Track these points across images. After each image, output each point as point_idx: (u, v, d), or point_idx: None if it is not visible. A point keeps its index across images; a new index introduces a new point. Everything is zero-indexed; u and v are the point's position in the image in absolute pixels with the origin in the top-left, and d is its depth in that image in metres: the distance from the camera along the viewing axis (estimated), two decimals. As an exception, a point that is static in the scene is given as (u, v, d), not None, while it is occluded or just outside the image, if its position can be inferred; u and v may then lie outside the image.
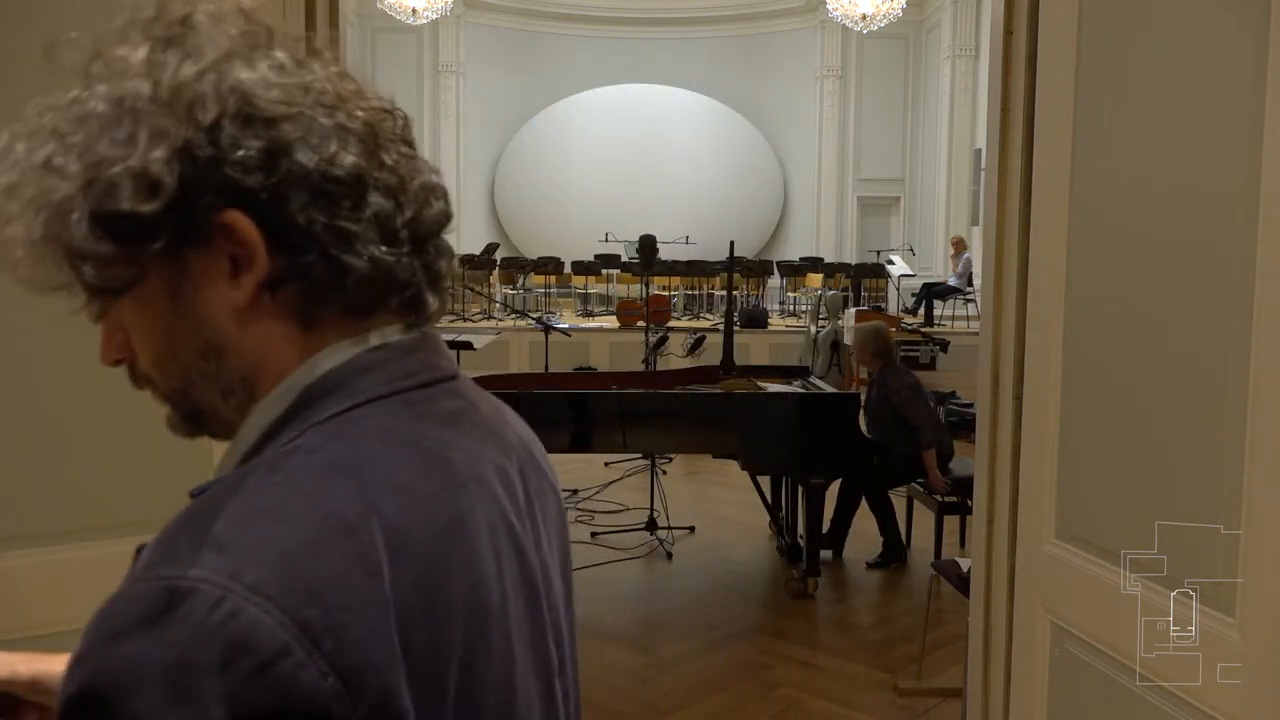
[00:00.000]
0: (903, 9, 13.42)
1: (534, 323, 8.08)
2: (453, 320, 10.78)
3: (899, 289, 13.23)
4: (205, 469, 1.72)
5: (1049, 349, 1.96)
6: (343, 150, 0.63)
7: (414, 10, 13.95)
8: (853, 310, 10.97)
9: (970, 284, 11.89)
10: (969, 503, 3.50)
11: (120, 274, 0.63)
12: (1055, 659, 1.96)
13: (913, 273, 13.46)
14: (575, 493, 6.30)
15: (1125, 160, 1.75)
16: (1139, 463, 1.70)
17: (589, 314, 13.23)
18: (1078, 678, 1.89)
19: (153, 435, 1.78)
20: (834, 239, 16.56)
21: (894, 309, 13.06)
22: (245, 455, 0.65)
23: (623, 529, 5.57)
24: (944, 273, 14.13)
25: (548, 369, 7.30)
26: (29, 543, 1.75)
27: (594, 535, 5.50)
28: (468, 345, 6.30)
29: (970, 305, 11.88)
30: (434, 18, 14.51)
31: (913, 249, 14.84)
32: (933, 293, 12.58)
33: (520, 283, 13.16)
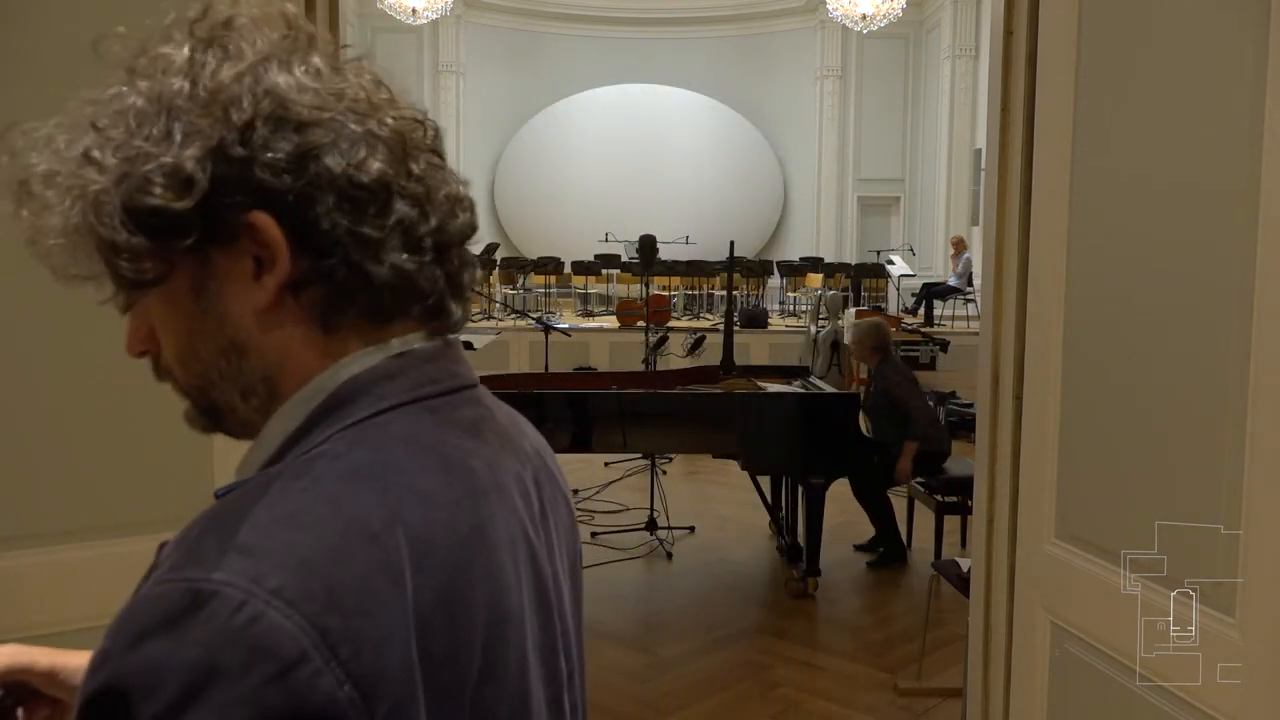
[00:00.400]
0: (903, 9, 13.42)
1: (534, 323, 8.07)
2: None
3: (899, 289, 13.23)
4: (206, 470, 1.73)
5: (1049, 349, 1.96)
6: (371, 157, 0.64)
7: (414, 10, 13.95)
8: (852, 310, 10.97)
9: (970, 284, 11.89)
10: (969, 503, 3.49)
11: (150, 268, 0.63)
12: (1055, 659, 1.96)
13: (913, 273, 13.45)
14: (575, 493, 6.28)
15: (1125, 160, 1.75)
16: (1139, 463, 1.70)
17: (589, 314, 13.22)
18: (1078, 678, 1.89)
19: (154, 435, 1.79)
20: (834, 239, 16.55)
21: (894, 309, 13.05)
22: (270, 459, 0.66)
23: (623, 529, 5.57)
24: (944, 273, 14.13)
25: (548, 369, 7.30)
26: (29, 543, 1.75)
27: (594, 535, 5.50)
28: (468, 345, 6.29)
29: (970, 305, 11.88)
30: (434, 18, 14.50)
31: (913, 249, 14.84)
32: (933, 293, 12.57)
33: (520, 283, 13.16)
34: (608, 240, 12.05)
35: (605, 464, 6.94)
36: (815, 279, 13.15)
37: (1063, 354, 1.92)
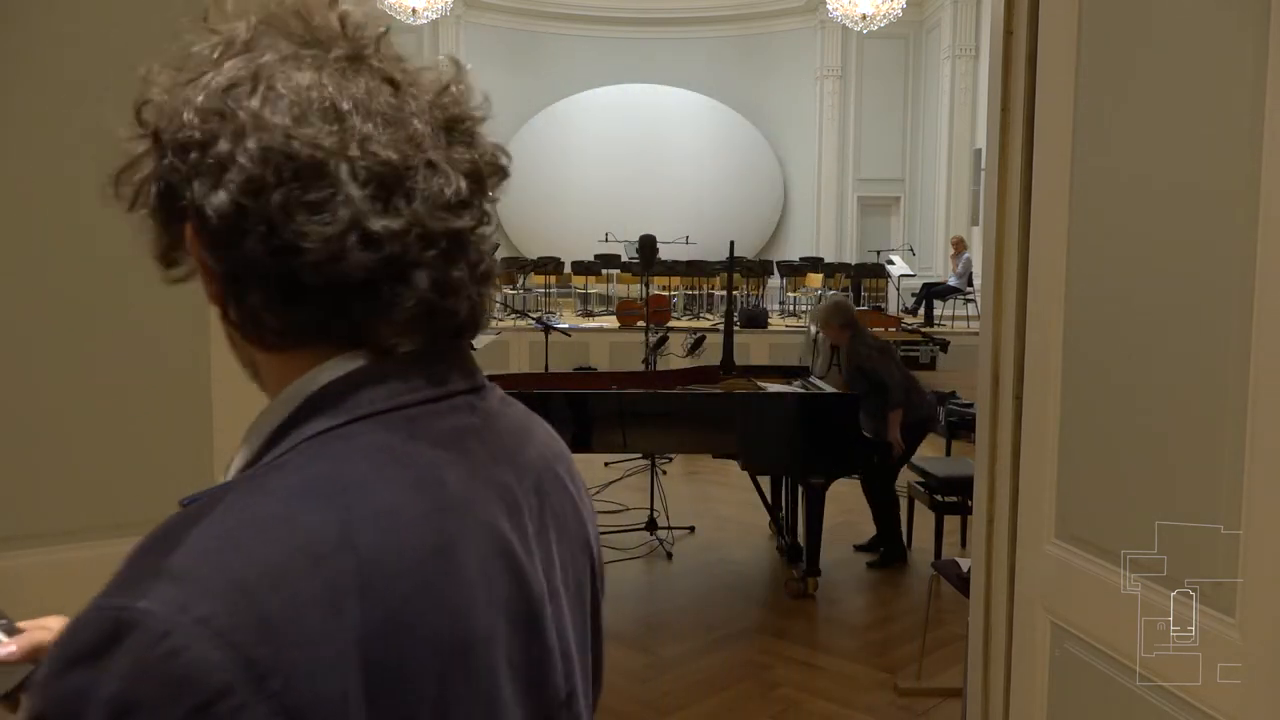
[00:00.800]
0: (903, 9, 13.41)
1: (534, 323, 8.07)
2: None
3: (899, 289, 13.23)
4: (205, 469, 1.73)
5: (1049, 349, 1.96)
6: (369, 198, 0.62)
7: (414, 10, 13.94)
8: (852, 310, 10.95)
9: (970, 284, 11.89)
10: (969, 503, 3.50)
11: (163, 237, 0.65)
12: (1055, 659, 1.96)
13: (913, 273, 13.45)
14: (576, 493, 6.29)
15: (1125, 160, 1.75)
16: (1139, 463, 1.70)
17: (589, 314, 13.22)
18: (1078, 678, 1.89)
19: (153, 435, 1.79)
20: (834, 239, 16.55)
21: (894, 309, 13.06)
22: (250, 461, 0.65)
23: (623, 529, 5.57)
24: (944, 273, 14.12)
25: (548, 369, 7.31)
26: (29, 543, 1.75)
27: (594, 535, 5.50)
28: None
29: (970, 305, 11.88)
30: (434, 18, 14.50)
31: (913, 249, 14.84)
32: (933, 293, 12.57)
33: (520, 283, 13.15)
34: (608, 240, 12.05)
35: (605, 464, 6.94)
36: (815, 279, 13.15)
37: (1063, 354, 1.92)
